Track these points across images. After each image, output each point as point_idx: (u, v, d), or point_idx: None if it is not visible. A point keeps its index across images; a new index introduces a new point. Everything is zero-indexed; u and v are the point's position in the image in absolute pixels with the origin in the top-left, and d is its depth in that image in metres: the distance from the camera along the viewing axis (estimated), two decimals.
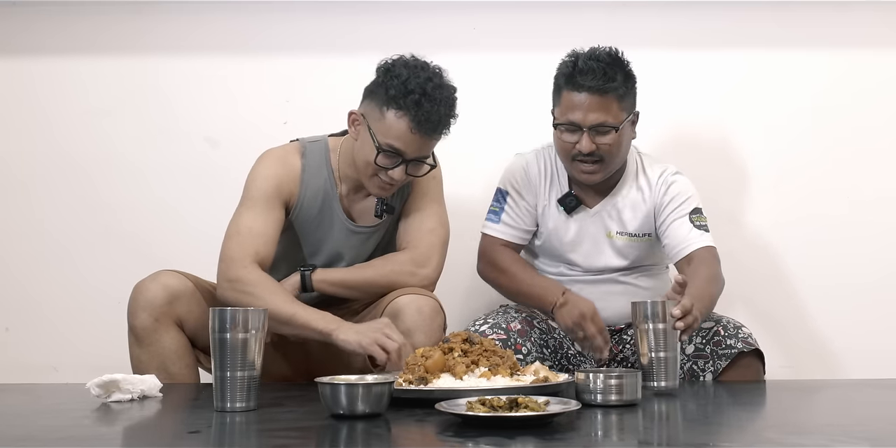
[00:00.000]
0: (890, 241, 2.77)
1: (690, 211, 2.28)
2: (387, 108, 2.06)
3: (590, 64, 2.16)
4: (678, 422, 1.64)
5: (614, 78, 2.17)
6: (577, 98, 2.18)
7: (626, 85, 2.20)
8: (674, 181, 2.31)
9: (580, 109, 2.17)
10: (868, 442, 1.39)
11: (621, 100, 2.19)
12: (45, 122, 2.85)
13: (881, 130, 2.80)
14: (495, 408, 1.46)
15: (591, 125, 2.17)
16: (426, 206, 2.24)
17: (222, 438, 1.51)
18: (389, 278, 2.14)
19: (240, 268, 2.04)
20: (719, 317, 2.23)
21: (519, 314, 2.27)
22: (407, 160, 2.09)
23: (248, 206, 2.14)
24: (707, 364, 2.16)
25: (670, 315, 1.85)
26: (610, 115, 2.18)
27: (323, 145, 2.25)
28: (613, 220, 2.33)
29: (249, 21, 2.83)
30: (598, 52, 2.20)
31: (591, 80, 2.15)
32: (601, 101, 2.17)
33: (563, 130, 2.22)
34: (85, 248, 2.81)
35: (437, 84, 2.06)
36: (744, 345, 2.14)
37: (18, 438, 1.45)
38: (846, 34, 2.80)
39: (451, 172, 2.37)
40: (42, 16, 2.83)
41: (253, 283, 2.02)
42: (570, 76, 2.19)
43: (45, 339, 2.78)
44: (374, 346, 1.89)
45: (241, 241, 2.07)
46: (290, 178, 2.18)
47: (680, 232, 2.27)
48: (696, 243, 2.24)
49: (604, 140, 2.19)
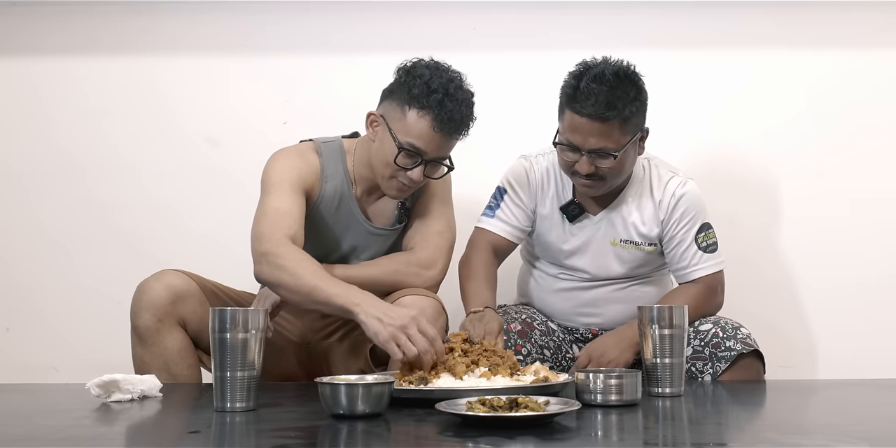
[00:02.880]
0: (891, 241, 2.77)
1: (697, 230, 2.24)
2: (409, 107, 2.06)
3: (592, 87, 2.06)
4: (678, 422, 1.64)
5: (615, 105, 2.06)
6: (577, 121, 2.10)
7: (632, 108, 2.09)
8: (684, 194, 2.24)
9: (580, 133, 2.10)
10: (867, 442, 1.39)
11: (625, 123, 2.09)
12: (45, 122, 2.85)
13: (883, 131, 2.79)
14: (495, 408, 1.46)
15: (590, 149, 2.11)
16: (435, 208, 2.24)
17: (222, 438, 1.51)
18: (394, 278, 2.14)
19: (271, 242, 1.99)
20: (717, 318, 2.22)
21: (519, 315, 2.27)
22: (426, 160, 2.08)
23: (270, 192, 2.10)
24: (706, 366, 2.15)
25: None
26: (610, 140, 2.09)
27: (337, 146, 2.25)
28: (618, 228, 2.28)
29: (249, 21, 2.83)
30: (604, 72, 2.08)
31: (591, 106, 2.06)
32: (602, 127, 2.08)
33: (564, 148, 2.16)
34: (85, 248, 2.81)
35: (459, 86, 2.07)
36: (743, 346, 2.13)
37: (18, 438, 1.45)
38: (848, 35, 2.79)
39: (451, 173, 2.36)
40: (41, 16, 2.83)
41: (283, 255, 1.96)
42: (572, 97, 2.10)
43: (45, 339, 2.78)
44: (391, 343, 1.79)
45: (270, 220, 2.03)
46: (310, 171, 2.17)
47: (685, 255, 2.25)
48: (697, 270, 2.24)
49: (603, 164, 2.13)
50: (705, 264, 2.24)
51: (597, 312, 2.32)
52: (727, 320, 2.21)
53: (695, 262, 2.24)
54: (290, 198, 2.09)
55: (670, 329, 1.82)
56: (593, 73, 2.09)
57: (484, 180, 2.58)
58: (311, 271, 1.94)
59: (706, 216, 2.27)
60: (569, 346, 2.32)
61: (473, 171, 2.68)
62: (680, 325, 1.83)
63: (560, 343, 2.29)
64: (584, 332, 2.35)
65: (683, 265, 2.25)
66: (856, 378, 2.38)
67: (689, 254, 2.24)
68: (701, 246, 2.24)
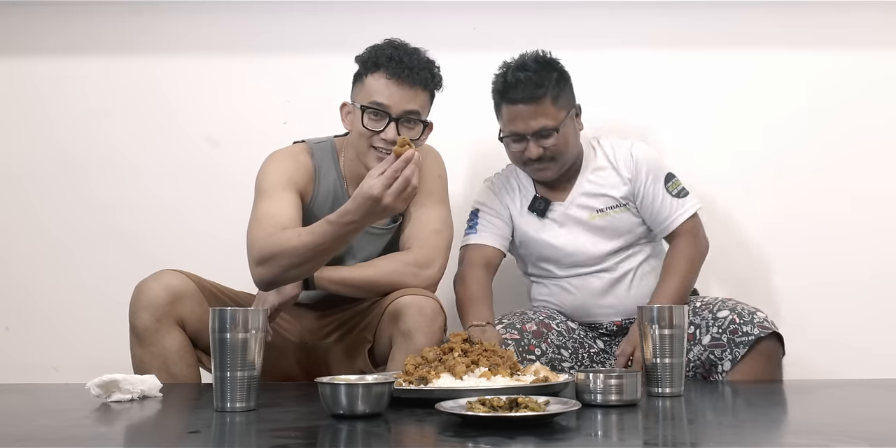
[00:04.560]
0: (890, 238, 2.76)
1: (664, 181, 2.34)
2: (365, 76, 2.10)
3: (517, 75, 2.24)
4: (678, 422, 1.64)
5: (542, 84, 2.24)
6: (513, 110, 2.26)
7: (559, 86, 2.27)
8: (639, 153, 2.36)
9: (520, 119, 2.26)
10: (867, 442, 1.39)
11: (556, 101, 2.26)
12: (46, 121, 2.85)
13: (882, 129, 2.79)
14: (495, 408, 1.46)
15: (533, 132, 2.25)
16: (431, 207, 2.23)
17: (222, 438, 1.51)
18: (392, 278, 2.14)
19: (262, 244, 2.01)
20: (734, 304, 2.22)
21: (537, 316, 2.29)
22: (395, 119, 2.08)
23: (262, 198, 2.12)
24: (724, 353, 2.16)
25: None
26: (548, 117, 2.25)
27: (329, 146, 2.25)
28: (590, 202, 2.36)
29: (249, 21, 2.83)
30: (525, 62, 2.28)
31: (521, 91, 2.24)
32: (536, 108, 2.24)
33: (509, 141, 2.31)
34: (85, 248, 2.81)
35: (411, 46, 2.12)
36: (760, 330, 2.15)
37: (18, 438, 1.45)
38: (848, 35, 2.79)
39: (449, 172, 2.36)
40: (42, 16, 2.83)
41: (271, 245, 1.97)
42: (502, 92, 2.28)
43: (45, 339, 2.78)
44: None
45: (261, 225, 2.05)
46: (302, 173, 2.18)
47: (662, 206, 2.34)
48: (677, 218, 2.33)
49: (548, 142, 2.27)
50: (682, 209, 2.34)
51: (613, 303, 2.34)
52: (744, 306, 2.22)
53: (674, 210, 2.34)
54: (283, 200, 2.10)
55: (670, 329, 1.82)
56: (515, 65, 2.29)
57: (481, 179, 2.59)
58: (296, 236, 1.95)
59: (666, 167, 2.38)
60: (591, 342, 2.35)
61: (471, 169, 2.69)
62: (680, 325, 1.83)
63: (581, 340, 2.32)
64: (608, 325, 2.36)
65: (664, 217, 2.34)
66: (856, 378, 2.38)
67: (666, 204, 2.34)
68: (672, 193, 2.34)
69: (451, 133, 2.37)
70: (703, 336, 2.19)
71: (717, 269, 2.53)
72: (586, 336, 2.34)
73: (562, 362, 2.23)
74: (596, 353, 2.33)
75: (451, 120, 2.33)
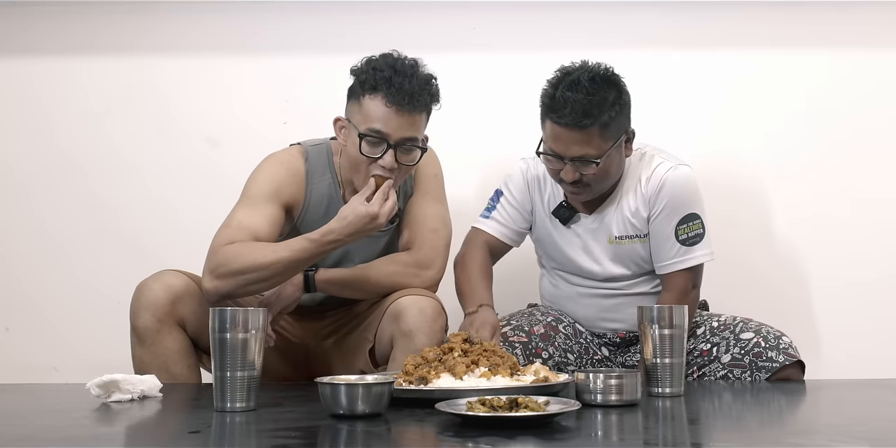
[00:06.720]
0: (891, 241, 2.76)
1: (679, 221, 2.17)
2: (362, 96, 2.05)
3: (567, 96, 2.03)
4: (678, 422, 1.64)
5: (591, 113, 2.03)
6: (556, 130, 2.08)
7: (612, 112, 2.06)
8: (667, 180, 2.17)
9: (560, 142, 2.08)
10: (867, 442, 1.39)
11: (605, 129, 2.06)
12: (45, 122, 2.85)
13: (883, 131, 2.79)
14: (495, 408, 1.46)
15: (573, 157, 2.09)
16: (429, 206, 2.23)
17: (222, 438, 1.51)
18: (392, 279, 2.13)
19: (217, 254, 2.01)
20: (758, 326, 2.19)
21: (545, 317, 2.26)
22: (393, 145, 2.05)
23: (243, 204, 2.12)
24: (744, 374, 2.14)
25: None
26: (591, 147, 2.07)
27: (325, 149, 2.24)
28: (612, 226, 2.24)
29: (249, 21, 2.83)
30: (580, 79, 2.05)
31: (568, 115, 2.04)
32: (581, 135, 2.06)
33: (547, 158, 2.15)
34: (84, 249, 2.81)
35: (410, 64, 2.06)
36: (785, 357, 2.12)
37: (18, 438, 1.46)
38: (847, 34, 2.79)
39: (448, 172, 2.36)
40: (41, 16, 2.83)
41: (242, 264, 1.98)
42: (549, 106, 2.08)
43: (45, 339, 2.78)
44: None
45: (228, 233, 2.04)
46: (293, 181, 2.17)
47: (660, 249, 2.20)
48: (671, 266, 2.19)
49: (587, 171, 2.10)
50: (681, 258, 2.18)
51: (619, 318, 2.30)
52: (769, 329, 2.19)
53: (672, 257, 2.19)
54: (261, 213, 2.09)
55: (670, 329, 1.82)
56: (569, 81, 2.06)
57: (481, 181, 2.59)
58: (272, 252, 1.98)
59: (693, 205, 2.18)
60: (597, 348, 2.32)
61: (469, 171, 2.69)
62: (680, 325, 1.83)
63: (588, 345, 2.30)
64: (611, 336, 2.33)
65: (660, 259, 2.20)
66: (856, 378, 2.38)
67: (667, 247, 2.18)
68: (681, 238, 2.17)
69: (450, 133, 2.37)
70: (722, 354, 2.17)
71: (718, 272, 2.52)
72: (592, 342, 2.32)
73: (567, 366, 2.22)
74: (600, 360, 2.31)
75: (451, 120, 2.32)
